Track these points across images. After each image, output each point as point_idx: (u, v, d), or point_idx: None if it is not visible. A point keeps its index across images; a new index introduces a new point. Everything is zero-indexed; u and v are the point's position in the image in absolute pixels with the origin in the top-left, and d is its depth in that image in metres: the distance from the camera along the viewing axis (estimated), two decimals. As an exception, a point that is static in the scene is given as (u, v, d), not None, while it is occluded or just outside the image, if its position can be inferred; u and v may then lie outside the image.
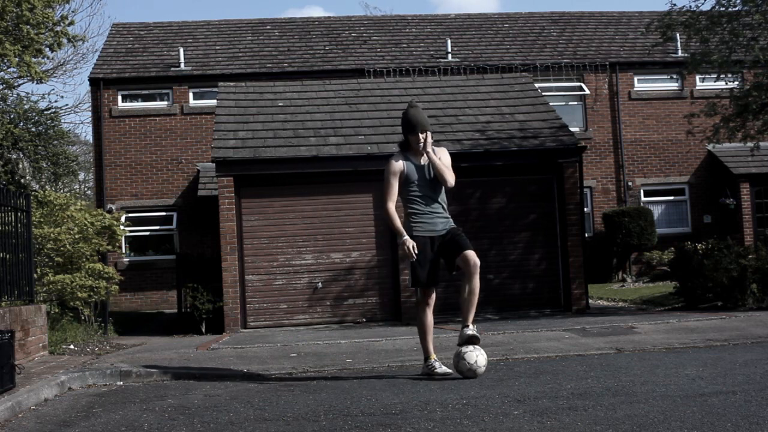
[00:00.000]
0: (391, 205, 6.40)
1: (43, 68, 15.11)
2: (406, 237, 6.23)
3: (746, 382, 5.36)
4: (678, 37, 19.69)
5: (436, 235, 6.31)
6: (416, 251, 6.21)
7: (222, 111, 14.02)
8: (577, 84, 20.74)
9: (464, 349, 6.09)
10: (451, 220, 6.45)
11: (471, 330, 6.16)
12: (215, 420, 4.92)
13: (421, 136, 6.28)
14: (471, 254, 6.18)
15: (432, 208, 6.34)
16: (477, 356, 6.04)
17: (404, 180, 6.35)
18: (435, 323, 11.88)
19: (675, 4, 13.72)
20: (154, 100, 19.97)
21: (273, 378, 6.72)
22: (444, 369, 6.22)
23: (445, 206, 6.44)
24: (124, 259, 18.93)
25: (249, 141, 12.85)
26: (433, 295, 6.40)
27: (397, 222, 6.34)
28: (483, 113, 14.25)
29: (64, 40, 14.23)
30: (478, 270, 6.20)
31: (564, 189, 12.76)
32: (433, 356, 6.32)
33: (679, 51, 20.65)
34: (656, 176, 20.76)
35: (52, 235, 11.44)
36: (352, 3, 72.69)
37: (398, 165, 6.37)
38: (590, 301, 13.53)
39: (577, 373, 6.15)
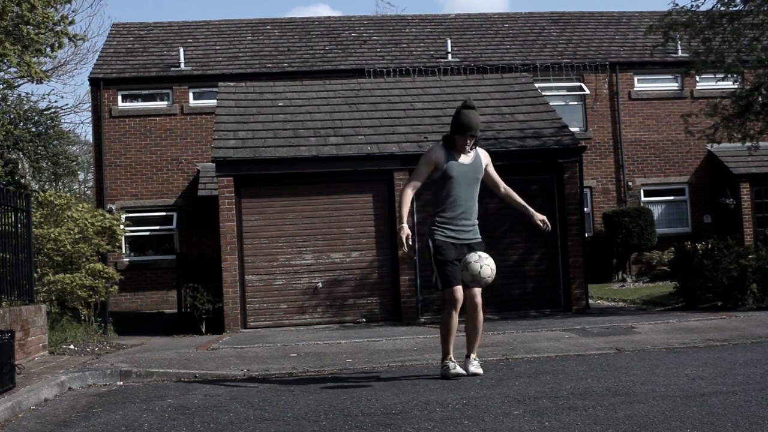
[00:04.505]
0: (410, 191, 6.20)
1: (44, 68, 15.10)
2: (404, 225, 6.06)
3: (746, 382, 5.36)
4: (678, 37, 19.67)
5: (458, 243, 6.16)
6: (437, 253, 6.11)
7: (222, 111, 14.02)
8: (577, 84, 20.74)
9: (470, 257, 5.96)
10: (477, 229, 6.28)
11: (474, 365, 6.16)
12: (215, 420, 4.92)
13: (468, 140, 6.12)
14: (475, 293, 6.12)
15: (461, 212, 6.17)
16: (481, 266, 5.89)
17: (441, 175, 6.16)
18: (434, 323, 11.87)
19: (677, 4, 13.73)
20: (154, 100, 19.96)
21: (273, 378, 6.72)
22: (458, 370, 6.12)
23: (475, 214, 6.29)
24: (124, 259, 18.92)
25: (249, 141, 12.85)
26: (461, 296, 6.10)
27: (405, 209, 6.13)
28: (483, 113, 14.23)
29: (65, 40, 14.23)
30: (478, 311, 6.16)
31: (564, 189, 12.76)
32: (450, 356, 6.17)
33: (679, 51, 20.65)
34: (656, 176, 20.76)
35: (52, 235, 11.44)
36: (358, 1, 72.69)
37: (437, 156, 6.18)
38: (590, 301, 13.53)
39: (577, 373, 6.15)
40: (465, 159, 6.18)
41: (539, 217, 6.35)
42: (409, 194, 6.20)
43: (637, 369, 6.23)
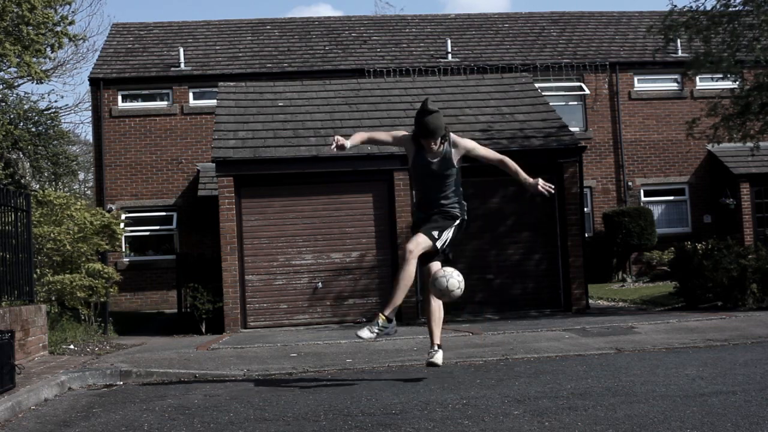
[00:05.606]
0: (363, 132, 6.49)
1: (43, 68, 15.10)
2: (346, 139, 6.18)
3: (746, 382, 5.36)
4: (678, 37, 19.68)
5: (422, 217, 6.26)
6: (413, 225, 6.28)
7: (222, 111, 14.02)
8: (577, 84, 20.74)
9: (438, 274, 5.94)
10: (446, 208, 6.15)
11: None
12: (215, 420, 4.91)
13: (432, 144, 6.07)
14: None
15: (423, 201, 6.27)
16: (448, 280, 5.88)
17: (411, 165, 6.33)
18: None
19: (675, 5, 13.74)
20: (154, 100, 19.96)
21: (273, 378, 6.72)
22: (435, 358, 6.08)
23: (448, 202, 6.16)
24: (124, 259, 18.93)
25: (249, 141, 12.85)
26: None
27: (358, 138, 6.33)
28: (483, 113, 14.25)
29: (65, 40, 14.23)
30: (406, 257, 6.00)
31: (564, 189, 12.76)
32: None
33: (680, 51, 20.65)
34: (656, 176, 20.76)
35: (51, 234, 11.43)
36: (358, 1, 72.67)
37: (406, 143, 6.28)
38: (590, 301, 13.53)
39: (577, 373, 6.15)
40: (431, 156, 6.17)
41: (532, 182, 6.13)
42: (361, 132, 6.47)
43: (637, 369, 6.23)
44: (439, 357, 6.04)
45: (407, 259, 6.02)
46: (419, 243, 6.02)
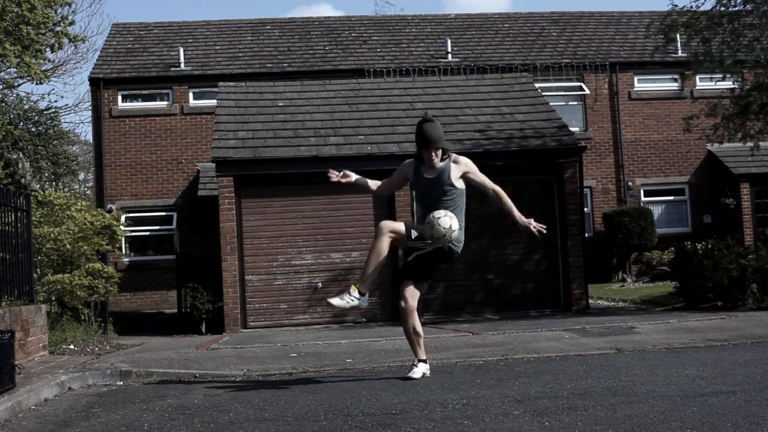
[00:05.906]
0: (379, 182, 6.64)
1: (43, 68, 15.11)
2: (352, 175, 6.59)
3: (746, 382, 5.36)
4: (678, 37, 19.68)
5: (412, 245, 6.23)
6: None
7: (222, 111, 14.02)
8: (577, 84, 20.73)
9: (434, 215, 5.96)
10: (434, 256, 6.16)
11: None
12: (215, 420, 4.92)
13: (433, 154, 6.10)
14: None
15: (421, 219, 6.25)
16: (433, 213, 5.95)
17: (412, 184, 6.44)
18: (434, 323, 11.91)
19: (676, 5, 13.74)
20: (154, 100, 19.96)
21: (273, 378, 6.72)
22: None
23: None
24: (124, 259, 18.92)
25: (249, 141, 12.85)
26: (409, 288, 6.32)
27: (367, 181, 6.63)
28: (483, 113, 14.25)
29: (65, 40, 14.24)
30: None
31: (564, 189, 12.76)
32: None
33: (680, 51, 20.65)
34: (656, 176, 20.76)
35: (51, 234, 11.43)
36: (358, 1, 72.67)
37: (406, 170, 6.38)
38: (590, 301, 13.53)
39: (577, 373, 6.15)
40: (429, 173, 6.20)
41: (524, 223, 6.35)
42: (376, 182, 6.64)
43: (637, 369, 6.23)
44: (417, 371, 6.17)
45: (377, 236, 6.07)
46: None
